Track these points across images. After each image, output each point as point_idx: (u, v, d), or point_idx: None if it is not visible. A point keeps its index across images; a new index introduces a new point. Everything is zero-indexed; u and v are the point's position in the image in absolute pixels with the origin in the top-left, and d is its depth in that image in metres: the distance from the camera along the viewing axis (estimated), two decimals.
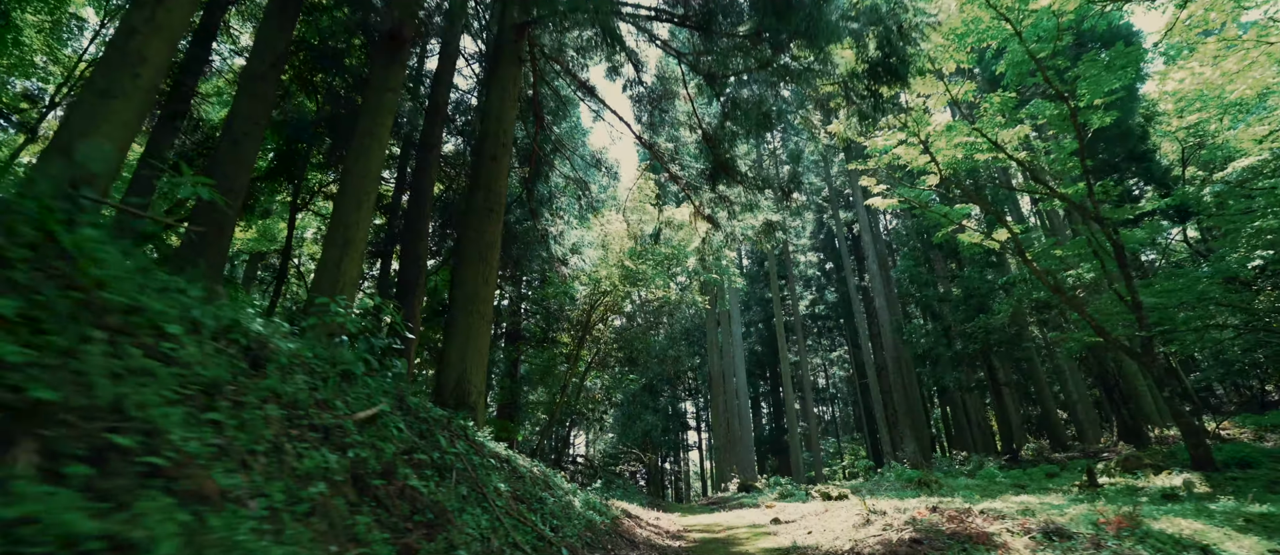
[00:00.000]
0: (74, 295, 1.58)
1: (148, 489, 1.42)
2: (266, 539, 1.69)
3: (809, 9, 5.07)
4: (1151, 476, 9.64)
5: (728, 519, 9.63)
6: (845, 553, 4.91)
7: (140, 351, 1.70)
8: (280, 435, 2.15)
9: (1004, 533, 4.69)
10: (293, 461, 2.13)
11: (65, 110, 3.47)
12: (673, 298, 14.35)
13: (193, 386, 1.83)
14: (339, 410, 2.68)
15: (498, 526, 3.19)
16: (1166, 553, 4.69)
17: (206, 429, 1.78)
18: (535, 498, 4.40)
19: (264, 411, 2.13)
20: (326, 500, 2.12)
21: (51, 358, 1.43)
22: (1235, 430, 14.76)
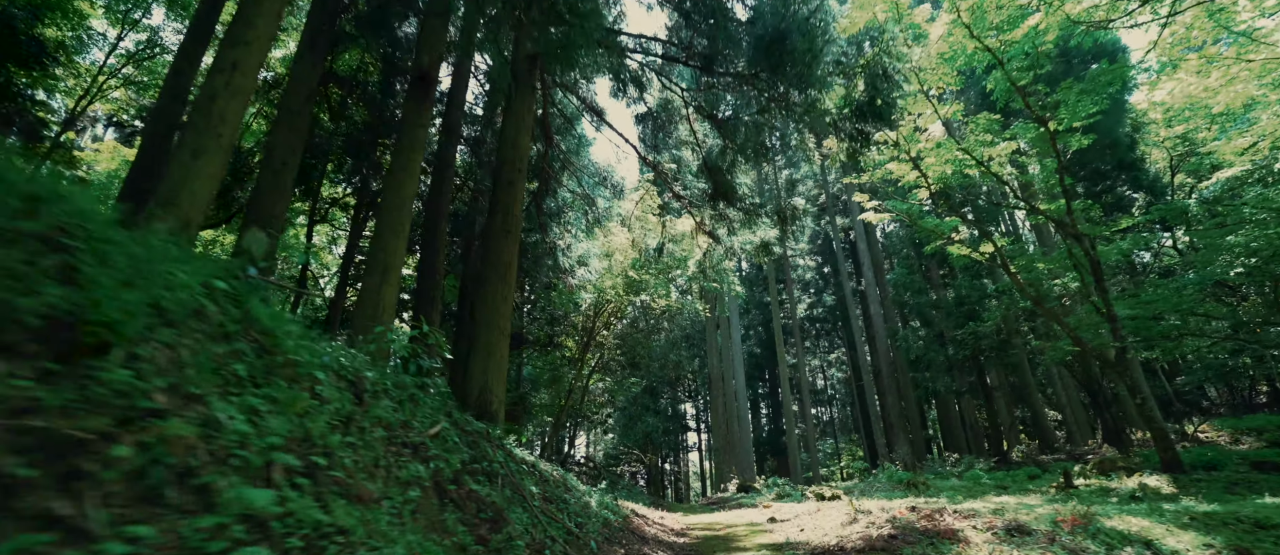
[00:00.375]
0: (270, 358, 2.25)
1: (333, 494, 2.09)
2: (398, 529, 2.36)
3: (801, 64, 5.72)
4: (1124, 478, 10.31)
5: (727, 518, 10.30)
6: (831, 547, 5.58)
7: (307, 394, 2.37)
8: (386, 452, 2.83)
9: (969, 529, 5.36)
10: (397, 471, 2.80)
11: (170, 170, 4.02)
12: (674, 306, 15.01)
13: (337, 417, 2.50)
14: (415, 429, 3.35)
15: (536, 522, 3.86)
16: (1112, 547, 5.36)
17: (349, 449, 2.46)
18: (560, 499, 5.06)
19: (375, 434, 2.80)
20: (423, 501, 2.80)
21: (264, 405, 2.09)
22: (1213, 433, 15.45)
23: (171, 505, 1.39)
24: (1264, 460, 10.00)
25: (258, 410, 1.96)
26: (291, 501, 1.79)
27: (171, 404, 1.57)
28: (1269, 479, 9.14)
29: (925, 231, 15.16)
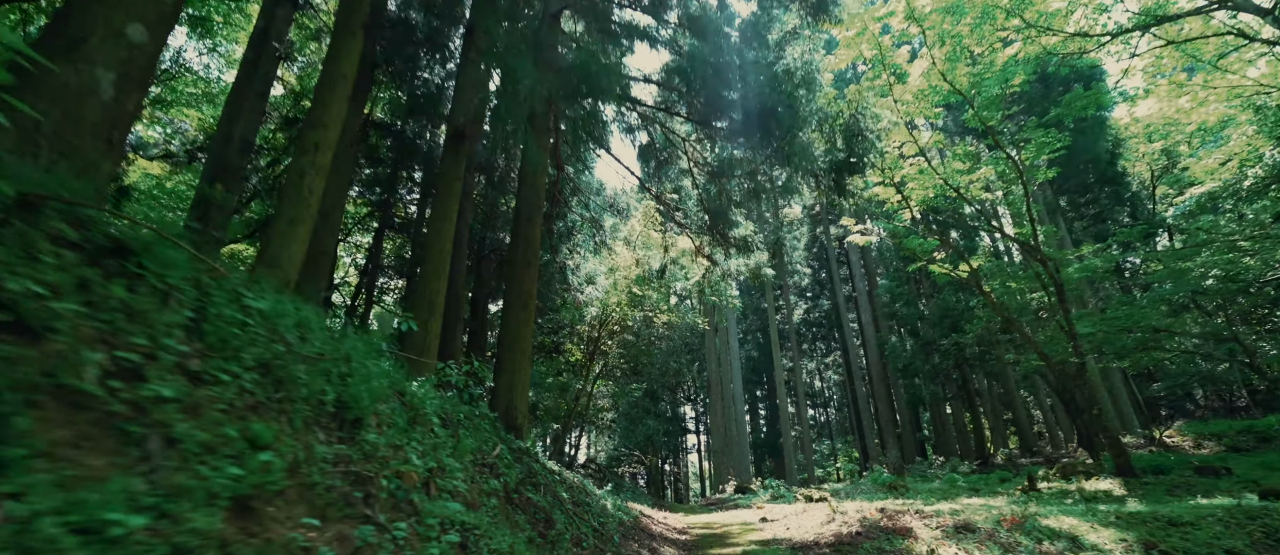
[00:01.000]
0: (413, 412, 3.37)
1: (461, 502, 3.20)
2: (494, 525, 3.48)
3: (785, 130, 6.80)
4: (1082, 481, 11.43)
5: (724, 518, 11.42)
6: (809, 543, 6.70)
7: (428, 428, 3.50)
8: (475, 470, 3.95)
9: (922, 528, 6.48)
10: (481, 484, 3.92)
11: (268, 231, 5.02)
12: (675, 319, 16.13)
13: (448, 447, 3.62)
14: (485, 452, 4.47)
15: (571, 522, 4.97)
16: (1042, 542, 6.48)
17: (459, 470, 3.58)
18: (583, 502, 6.17)
19: (465, 458, 3.92)
20: (500, 506, 3.92)
21: (419, 445, 3.21)
22: (1179, 437, 16.58)
23: (409, 512, 2.51)
24: (1206, 465, 11.12)
25: (417, 449, 3.09)
26: (446, 508, 2.91)
27: (391, 451, 2.70)
28: (1205, 482, 10.26)
29: (909, 251, 16.30)
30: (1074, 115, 16.08)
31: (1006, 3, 13.48)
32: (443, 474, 3.19)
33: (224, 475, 1.72)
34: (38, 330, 1.56)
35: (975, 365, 18.62)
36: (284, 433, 2.10)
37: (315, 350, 2.58)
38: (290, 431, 2.15)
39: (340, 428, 2.53)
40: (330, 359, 2.63)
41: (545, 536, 4.01)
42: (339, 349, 2.77)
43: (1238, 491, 9.20)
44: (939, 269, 15.27)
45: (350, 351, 2.80)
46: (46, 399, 1.46)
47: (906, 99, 12.61)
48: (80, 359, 1.60)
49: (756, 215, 9.89)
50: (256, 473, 1.84)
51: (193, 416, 1.77)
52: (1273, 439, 14.47)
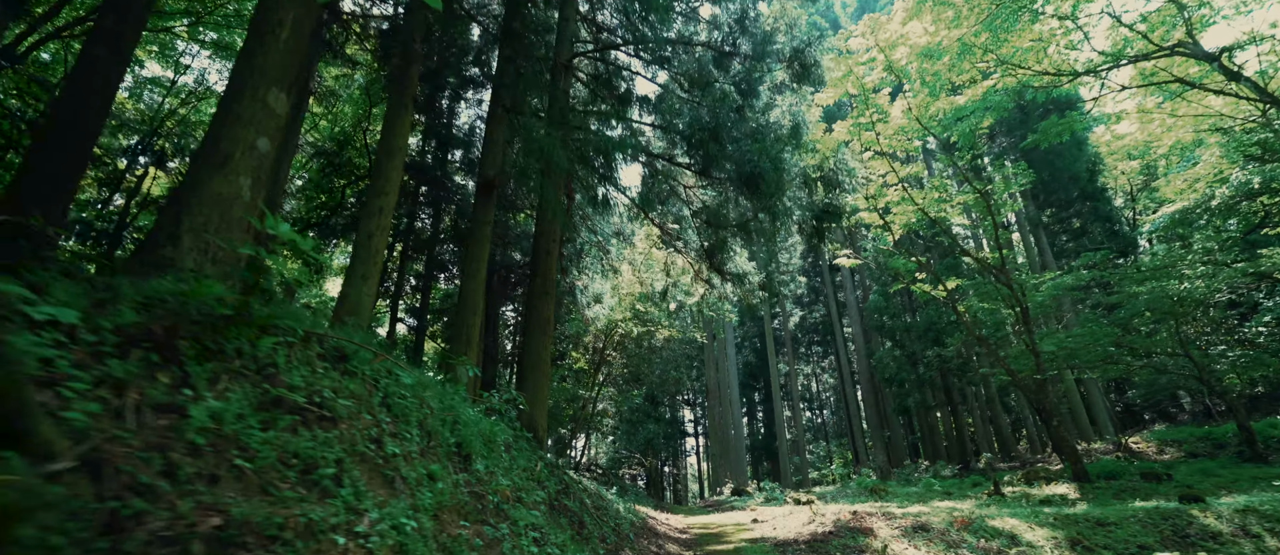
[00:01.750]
0: (490, 443, 4.69)
1: (528, 508, 4.52)
2: (546, 523, 4.80)
3: (771, 188, 8.09)
4: (1043, 486, 12.74)
5: (720, 519, 12.72)
6: (790, 540, 8.01)
7: (497, 452, 4.81)
8: (527, 482, 5.26)
9: (883, 528, 7.80)
10: (533, 495, 5.23)
11: (346, 283, 6.18)
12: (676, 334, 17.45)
13: (509, 465, 4.94)
14: (530, 468, 5.78)
15: (597, 523, 6.27)
16: (986, 539, 7.79)
17: (529, 484, 4.89)
18: (600, 506, 7.47)
19: (517, 474, 5.23)
20: (547, 511, 5.24)
21: (492, 464, 4.52)
22: (1144, 444, 17.91)
23: (506, 517, 3.82)
24: (1150, 471, 12.47)
25: (501, 470, 4.41)
26: (528, 515, 4.23)
27: (489, 475, 4.02)
28: (1148, 486, 11.58)
29: (893, 270, 17.64)
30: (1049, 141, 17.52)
31: (983, 41, 14.82)
32: (520, 489, 4.50)
33: (427, 496, 3.02)
34: (335, 416, 2.86)
35: (957, 375, 19.98)
36: (441, 468, 3.41)
37: (441, 407, 3.88)
38: (442, 467, 3.45)
39: (461, 460, 3.84)
40: (446, 412, 3.93)
41: (581, 535, 5.32)
42: (449, 403, 4.08)
43: (1171, 495, 10.52)
44: (920, 288, 16.62)
45: (456, 404, 4.11)
46: (350, 458, 2.77)
47: (888, 133, 13.95)
48: (354, 432, 2.91)
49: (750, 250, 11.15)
50: (437, 494, 3.15)
51: (407, 463, 3.07)
52: (1227, 445, 15.81)
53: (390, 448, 3.01)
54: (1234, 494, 10.27)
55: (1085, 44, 15.57)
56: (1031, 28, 14.91)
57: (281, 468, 2.30)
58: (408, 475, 2.99)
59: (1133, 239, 26.58)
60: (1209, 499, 9.33)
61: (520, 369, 10.46)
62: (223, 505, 1.91)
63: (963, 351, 18.26)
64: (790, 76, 9.39)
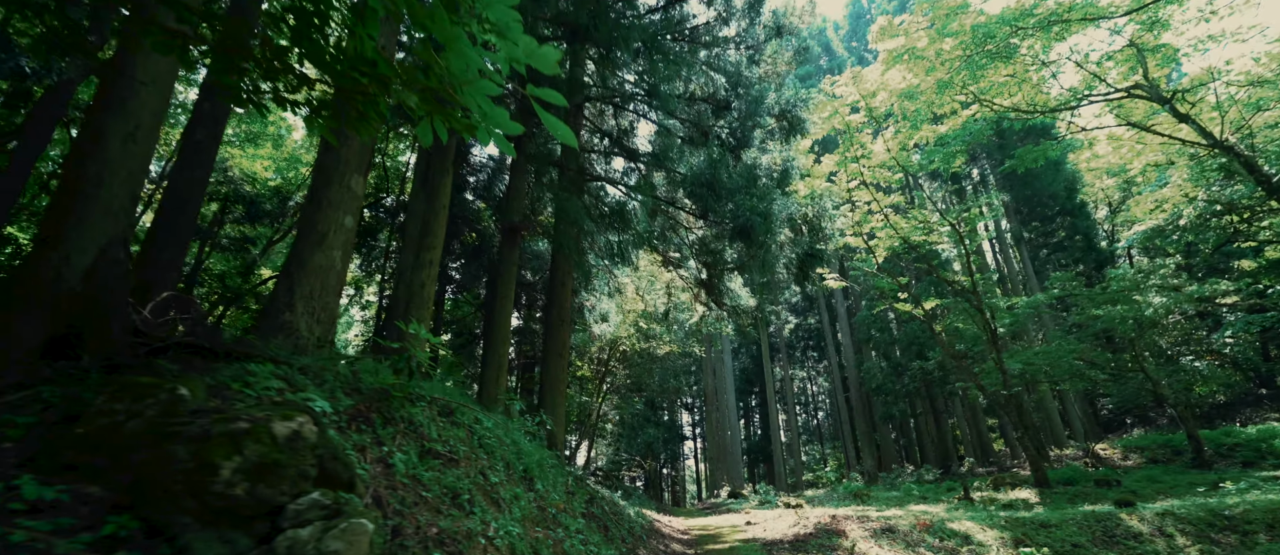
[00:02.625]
0: (540, 467, 6.14)
1: (572, 517, 5.97)
2: (585, 528, 6.25)
3: (761, 238, 9.49)
4: (1009, 491, 14.21)
5: (717, 521, 14.16)
6: (777, 540, 9.44)
7: (543, 470, 6.26)
8: (566, 494, 6.70)
9: (855, 530, 9.24)
10: (570, 507, 6.68)
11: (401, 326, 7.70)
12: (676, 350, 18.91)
13: (555, 480, 6.38)
14: (566, 481, 7.22)
15: (617, 527, 7.69)
16: (944, 539, 9.23)
17: (568, 497, 6.34)
18: (616, 512, 8.90)
19: (562, 487, 6.68)
20: (585, 517, 6.69)
21: (546, 483, 5.96)
22: (1111, 450, 19.38)
23: (560, 524, 5.26)
24: (1104, 478, 13.95)
25: (551, 485, 5.85)
26: (574, 522, 5.67)
27: (546, 491, 5.46)
28: (1099, 492, 13.05)
29: (877, 290, 19.12)
30: (1026, 166, 19.08)
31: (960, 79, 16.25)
32: (567, 501, 5.93)
33: (517, 511, 4.45)
34: (458, 458, 4.28)
35: (939, 385, 21.49)
36: (521, 490, 4.83)
37: (510, 441, 5.31)
38: (521, 489, 4.88)
39: (526, 482, 5.26)
40: (513, 445, 5.36)
41: (608, 537, 6.75)
42: (513, 437, 5.50)
43: (1118, 500, 11.97)
44: (902, 307, 18.08)
45: (517, 438, 5.54)
46: (474, 487, 4.19)
47: (872, 165, 15.41)
48: (472, 468, 4.33)
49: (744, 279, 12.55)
50: (523, 509, 4.57)
51: (502, 488, 4.50)
52: (1183, 452, 17.31)
53: (492, 478, 4.44)
54: (1170, 499, 11.74)
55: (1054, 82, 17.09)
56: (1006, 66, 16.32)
57: (443, 495, 3.73)
58: (505, 496, 4.42)
59: (1110, 253, 28.14)
60: (1140, 504, 10.79)
61: (541, 390, 11.85)
62: (430, 521, 3.34)
63: (944, 364, 19.74)
64: (779, 130, 10.82)
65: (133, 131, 5.20)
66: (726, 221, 10.50)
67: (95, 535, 2.28)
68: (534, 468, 5.44)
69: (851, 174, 16.64)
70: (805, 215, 10.79)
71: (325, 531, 2.55)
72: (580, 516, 6.30)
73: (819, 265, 11.19)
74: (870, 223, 17.41)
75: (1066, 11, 14.24)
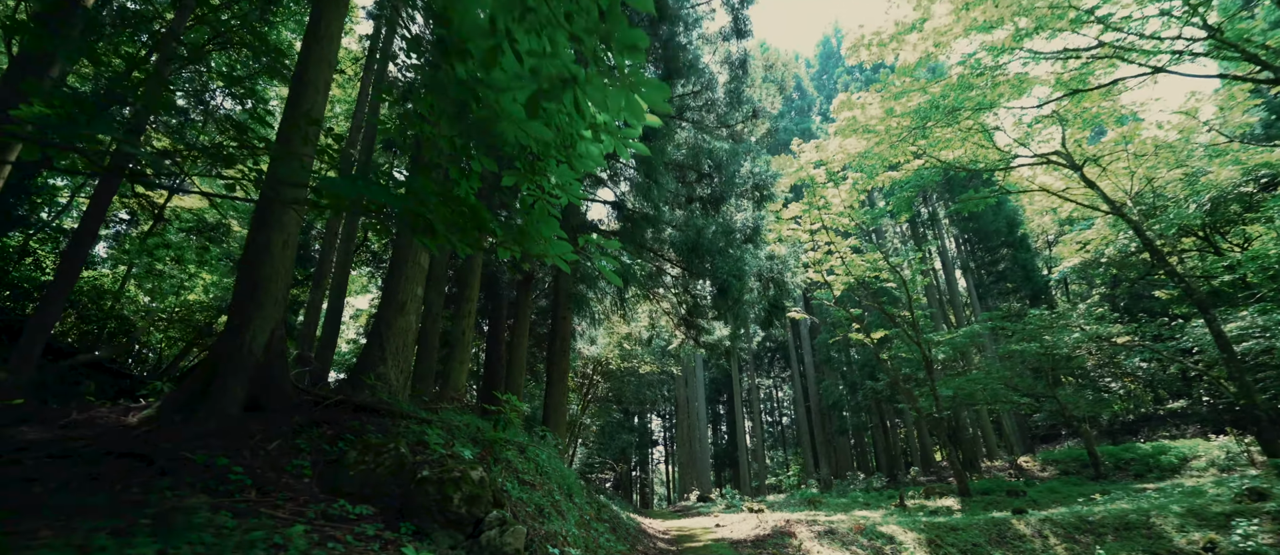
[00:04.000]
0: (564, 480, 8.47)
1: (596, 524, 8.30)
2: (605, 529, 8.60)
3: (736, 291, 11.86)
4: (938, 499, 16.95)
5: (690, 523, 16.56)
6: (740, 539, 11.87)
7: (580, 488, 8.59)
8: (586, 502, 9.03)
9: (803, 531, 11.72)
10: (587, 512, 9.01)
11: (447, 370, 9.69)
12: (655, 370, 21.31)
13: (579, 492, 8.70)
14: (586, 493, 9.53)
15: (620, 528, 10.00)
16: (874, 540, 11.78)
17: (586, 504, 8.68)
18: (614, 516, 11.19)
19: (585, 499, 9.00)
20: (599, 521, 9.02)
21: (578, 495, 8.27)
22: (1032, 463, 22.47)
23: (596, 527, 7.58)
24: (1014, 489, 16.83)
25: (583, 498, 8.19)
26: (600, 527, 7.99)
27: (582, 503, 7.78)
28: (1010, 501, 15.88)
29: (835, 321, 21.85)
30: (970, 209, 21.97)
31: (908, 142, 18.95)
32: (596, 510, 8.22)
33: (573, 518, 6.73)
34: (535, 482, 6.55)
35: (889, 403, 24.38)
36: (568, 503, 7.12)
37: (553, 465, 7.60)
38: (567, 502, 7.16)
39: (568, 496, 7.54)
40: (555, 468, 7.65)
41: (616, 535, 9.06)
42: (554, 461, 7.78)
43: (1022, 507, 14.78)
44: (855, 336, 20.81)
45: (556, 461, 7.83)
46: (547, 502, 6.47)
47: (833, 213, 18.03)
48: (544, 488, 6.61)
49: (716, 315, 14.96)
50: (574, 517, 6.85)
51: (561, 502, 6.79)
52: (1096, 464, 20.44)
53: (555, 496, 6.72)
54: (1059, 507, 14.58)
55: (990, 144, 19.99)
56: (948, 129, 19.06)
57: (535, 509, 6.00)
58: (564, 508, 6.70)
59: (1046, 282, 31.58)
60: (1032, 511, 13.55)
61: (546, 410, 14.07)
62: (535, 527, 5.63)
63: (892, 385, 22.60)
64: (752, 197, 13.26)
65: (287, 239, 7.33)
66: (706, 276, 12.89)
67: (397, 533, 4.50)
68: (571, 486, 7.71)
69: (814, 219, 19.28)
70: (773, 271, 13.22)
71: (502, 533, 4.82)
72: (603, 521, 8.60)
73: (782, 315, 13.65)
74: (829, 261, 20.09)
75: (994, 94, 16.98)
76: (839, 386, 25.83)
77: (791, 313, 19.98)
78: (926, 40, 13.67)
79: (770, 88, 14.35)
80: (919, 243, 28.72)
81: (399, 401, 6.77)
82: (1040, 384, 19.86)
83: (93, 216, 11.03)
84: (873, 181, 20.03)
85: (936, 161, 19.91)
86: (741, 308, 11.97)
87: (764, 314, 13.15)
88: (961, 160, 20.19)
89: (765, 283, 13.09)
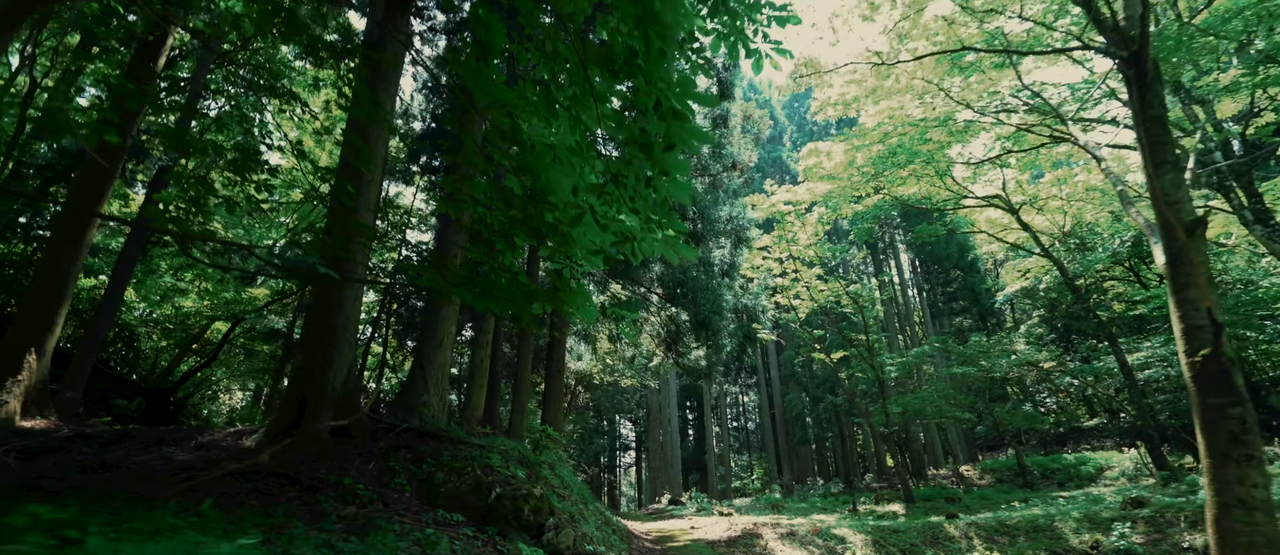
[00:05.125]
0: (572, 478, 10.39)
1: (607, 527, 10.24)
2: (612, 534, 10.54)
3: (716, 325, 13.85)
4: (886, 505, 19.31)
5: (666, 525, 18.54)
6: (715, 540, 13.90)
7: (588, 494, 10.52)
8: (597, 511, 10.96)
9: (768, 533, 13.83)
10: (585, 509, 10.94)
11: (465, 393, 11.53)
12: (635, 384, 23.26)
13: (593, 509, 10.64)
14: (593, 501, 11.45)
15: (615, 528, 11.91)
16: (828, 541, 13.95)
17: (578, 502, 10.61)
18: (607, 518, 13.09)
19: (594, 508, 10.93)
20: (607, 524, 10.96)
21: (588, 498, 10.19)
22: (972, 472, 25.19)
23: (612, 527, 9.52)
24: (951, 495, 19.33)
25: (587, 506, 10.12)
26: (610, 529, 9.94)
27: (594, 511, 9.72)
28: (946, 506, 18.31)
29: (799, 341, 24.15)
30: (924, 239, 24.46)
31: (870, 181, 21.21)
32: (605, 518, 10.14)
33: (593, 519, 8.63)
34: (563, 496, 8.43)
35: (846, 415, 26.88)
36: (588, 510, 9.02)
37: (572, 479, 9.51)
38: (587, 508, 9.06)
39: (585, 502, 9.44)
40: (576, 482, 9.56)
41: (615, 534, 10.98)
42: (569, 472, 9.68)
43: (955, 512, 17.22)
44: (817, 356, 23.13)
45: (568, 472, 9.73)
46: (576, 507, 8.37)
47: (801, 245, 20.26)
48: (571, 497, 8.51)
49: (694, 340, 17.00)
50: (591, 520, 8.76)
51: (582, 507, 8.70)
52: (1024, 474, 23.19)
53: (578, 505, 8.62)
54: (988, 512, 17.05)
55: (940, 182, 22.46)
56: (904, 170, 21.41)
57: (570, 514, 7.90)
58: (587, 513, 8.60)
59: (993, 303, 34.62)
60: (963, 516, 15.96)
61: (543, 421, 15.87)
62: (573, 529, 7.55)
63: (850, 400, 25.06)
64: (730, 242, 15.34)
65: (356, 295, 9.05)
66: (687, 308, 14.91)
67: (486, 534, 6.34)
68: (586, 495, 9.60)
69: (783, 249, 21.50)
70: (746, 305, 15.31)
71: (557, 534, 6.71)
72: (609, 525, 10.51)
73: (754, 344, 15.74)
74: (796, 287, 22.35)
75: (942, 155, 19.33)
76: (803, 399, 28.23)
77: (761, 333, 22.19)
78: (882, 112, 15.92)
79: (747, 140, 16.42)
80: (879, 266, 31.34)
81: (455, 429, 8.55)
82: (979, 401, 22.47)
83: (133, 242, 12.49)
84: (836, 213, 22.37)
85: (894, 197, 22.35)
86: (719, 339, 14.01)
87: (738, 344, 15.23)
88: (917, 197, 22.67)
89: (740, 315, 15.16)
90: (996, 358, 20.55)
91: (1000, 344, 21.37)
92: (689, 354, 17.50)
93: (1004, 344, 21.47)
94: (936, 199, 22.76)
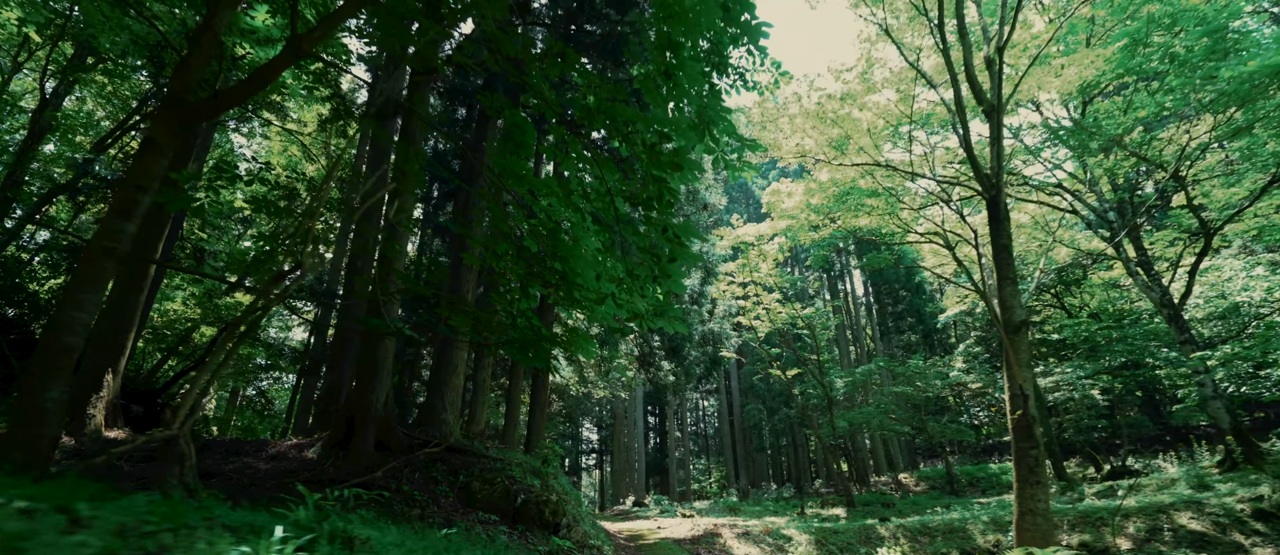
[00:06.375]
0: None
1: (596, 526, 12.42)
2: (600, 533, 12.74)
3: (685, 356, 16.06)
4: (831, 509, 21.94)
5: (634, 525, 20.75)
6: (680, 538, 16.18)
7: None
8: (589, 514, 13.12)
9: (726, 532, 16.19)
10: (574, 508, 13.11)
11: (469, 409, 13.59)
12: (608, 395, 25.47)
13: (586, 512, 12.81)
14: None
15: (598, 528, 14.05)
16: (777, 540, 16.37)
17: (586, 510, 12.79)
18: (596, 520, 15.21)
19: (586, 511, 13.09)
20: (597, 524, 13.15)
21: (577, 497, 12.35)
22: (910, 479, 28.21)
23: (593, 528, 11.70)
24: (887, 501, 22.10)
25: (581, 508, 12.31)
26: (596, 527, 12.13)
27: (587, 514, 11.91)
28: (882, 511, 21.05)
29: (758, 357, 26.71)
30: (875, 266, 27.23)
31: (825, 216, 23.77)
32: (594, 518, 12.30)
33: (588, 518, 10.78)
34: (566, 499, 10.58)
35: (799, 426, 29.65)
36: (584, 512, 11.17)
37: (571, 487, 11.66)
38: (582, 511, 11.21)
39: (579, 505, 11.58)
40: (574, 489, 11.71)
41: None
42: (563, 479, 11.83)
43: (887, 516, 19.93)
44: (774, 372, 25.70)
45: (563, 478, 11.89)
46: (576, 512, 10.52)
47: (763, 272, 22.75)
48: (567, 500, 10.66)
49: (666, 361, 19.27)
50: (590, 516, 10.92)
51: (582, 510, 10.86)
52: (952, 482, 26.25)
53: (575, 507, 10.78)
54: (916, 516, 19.81)
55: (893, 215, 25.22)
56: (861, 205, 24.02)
57: (573, 518, 10.06)
58: (582, 515, 10.75)
59: (934, 325, 37.99)
60: (894, 519, 18.65)
61: (529, 434, 17.91)
62: (581, 529, 9.72)
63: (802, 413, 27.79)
64: (698, 278, 17.65)
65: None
66: (661, 335, 17.16)
67: (516, 531, 8.44)
68: (579, 499, 11.73)
69: (746, 275, 23.99)
70: (713, 332, 17.64)
71: (570, 532, 8.86)
72: (597, 526, 12.66)
73: (720, 367, 18.08)
74: (757, 309, 24.88)
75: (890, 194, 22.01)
76: (761, 410, 30.91)
77: (724, 352, 24.64)
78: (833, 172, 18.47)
79: (717, 185, 18.78)
80: (834, 286, 34.24)
81: (477, 445, 10.58)
82: (917, 416, 25.42)
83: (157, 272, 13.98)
84: (795, 242, 24.98)
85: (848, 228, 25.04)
86: (690, 363, 16.30)
87: (706, 368, 17.56)
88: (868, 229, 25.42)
89: (707, 340, 17.48)
90: (932, 379, 23.45)
91: (935, 367, 24.29)
92: (661, 372, 19.77)
93: (939, 366, 24.40)
94: (885, 231, 25.62)
